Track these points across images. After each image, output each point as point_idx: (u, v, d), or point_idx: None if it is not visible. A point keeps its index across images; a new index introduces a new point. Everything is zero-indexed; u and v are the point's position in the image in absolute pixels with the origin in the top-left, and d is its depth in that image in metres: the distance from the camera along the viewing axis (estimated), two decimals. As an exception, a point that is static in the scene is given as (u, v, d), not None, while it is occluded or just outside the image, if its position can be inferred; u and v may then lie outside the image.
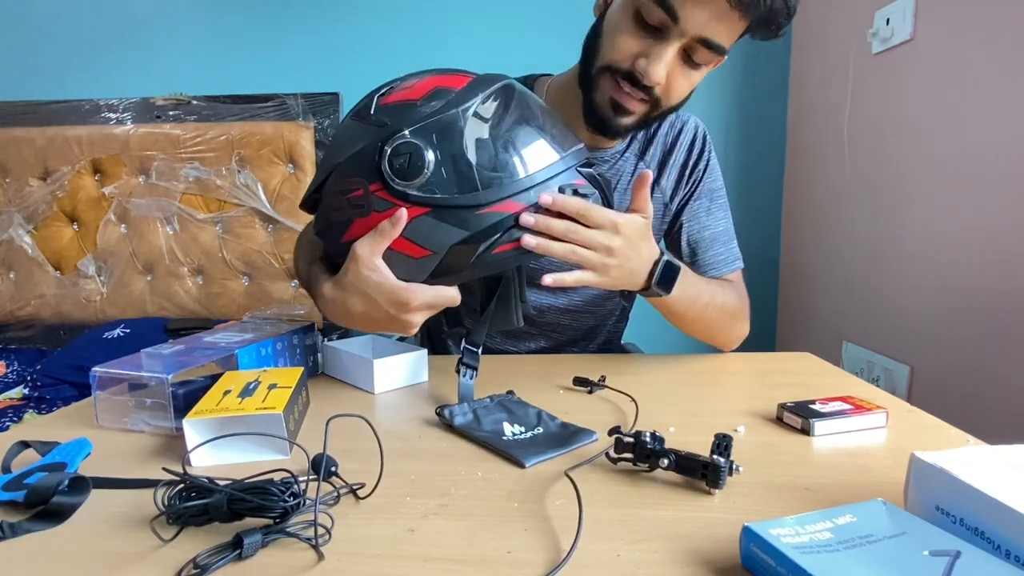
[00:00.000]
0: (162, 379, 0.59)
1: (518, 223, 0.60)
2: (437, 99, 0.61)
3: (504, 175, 0.59)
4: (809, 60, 1.76)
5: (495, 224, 0.59)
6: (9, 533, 0.42)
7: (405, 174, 0.59)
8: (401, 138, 0.59)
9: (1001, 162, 1.10)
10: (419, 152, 0.58)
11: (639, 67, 0.71)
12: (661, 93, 0.74)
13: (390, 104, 0.63)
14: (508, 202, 0.59)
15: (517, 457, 0.53)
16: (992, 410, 1.11)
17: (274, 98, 1.77)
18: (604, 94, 0.76)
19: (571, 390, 0.73)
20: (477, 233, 0.59)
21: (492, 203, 0.59)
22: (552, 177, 0.61)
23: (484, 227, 0.59)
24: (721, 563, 0.38)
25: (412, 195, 0.59)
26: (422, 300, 0.62)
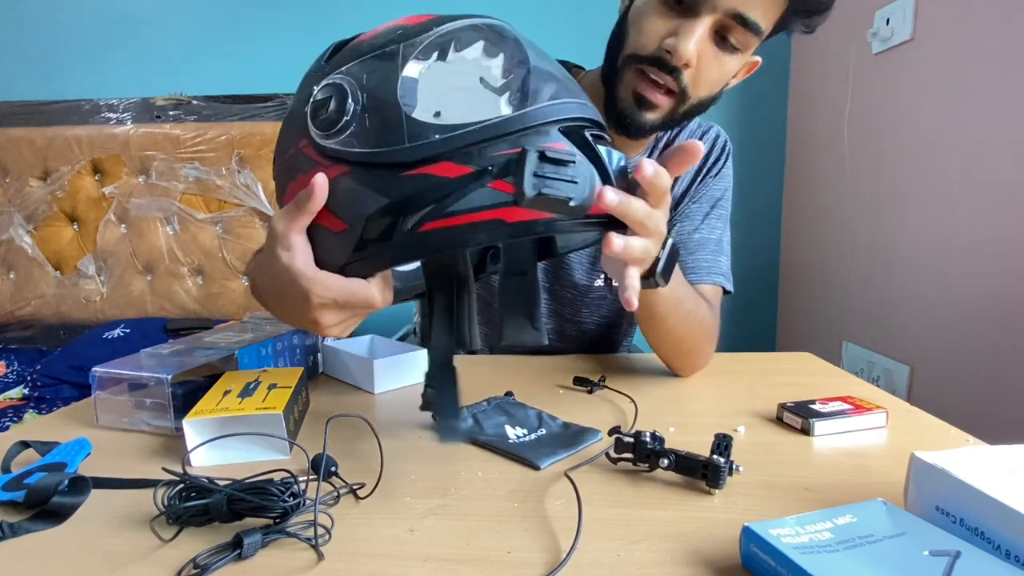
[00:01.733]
0: (162, 379, 0.59)
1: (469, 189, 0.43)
2: (384, 36, 0.49)
3: (442, 127, 0.44)
4: (809, 60, 1.76)
5: (424, 191, 0.44)
6: (9, 533, 0.42)
7: (325, 123, 0.47)
8: (327, 79, 0.48)
9: (1001, 162, 1.10)
10: (341, 94, 0.46)
11: (667, 45, 0.65)
12: (689, 80, 0.67)
13: (341, 44, 0.52)
14: (443, 163, 0.44)
15: (531, 460, 0.52)
16: (992, 410, 1.11)
17: (274, 98, 1.77)
18: (628, 87, 0.70)
19: (571, 390, 0.73)
20: (400, 201, 0.44)
21: (422, 162, 0.44)
22: (508, 134, 0.44)
23: (409, 194, 0.44)
24: (721, 563, 0.38)
25: (330, 149, 0.46)
26: (327, 296, 0.48)
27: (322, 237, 0.48)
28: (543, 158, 0.43)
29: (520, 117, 0.44)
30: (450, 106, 0.45)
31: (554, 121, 0.45)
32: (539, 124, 0.45)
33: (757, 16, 0.64)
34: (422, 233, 0.44)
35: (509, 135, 0.44)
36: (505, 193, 0.43)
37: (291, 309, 0.50)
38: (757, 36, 0.66)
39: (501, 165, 0.43)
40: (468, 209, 0.43)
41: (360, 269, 0.48)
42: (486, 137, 0.44)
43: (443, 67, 0.46)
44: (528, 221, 0.43)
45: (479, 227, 0.44)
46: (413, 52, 0.46)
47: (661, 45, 0.66)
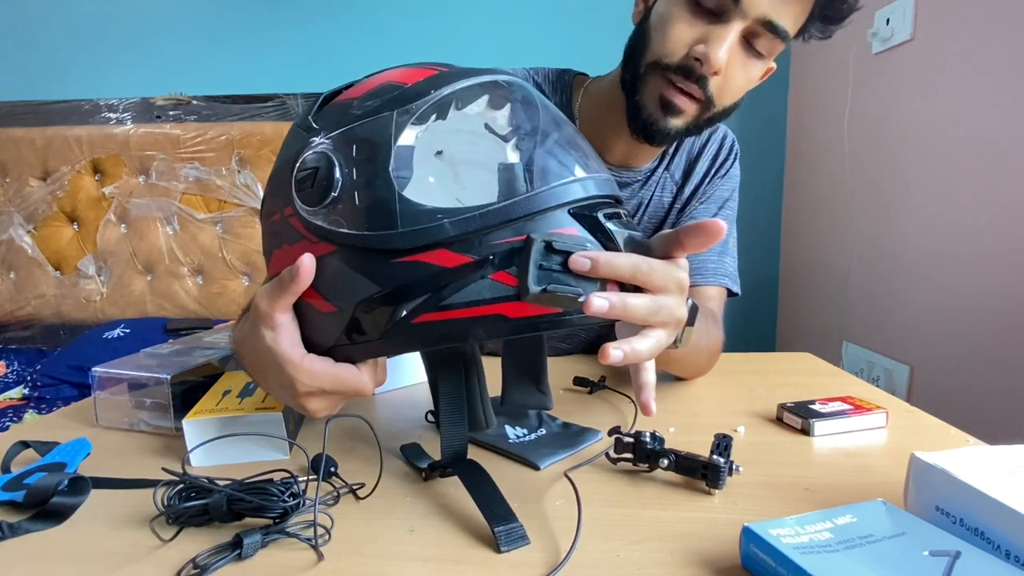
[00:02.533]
0: (162, 379, 0.59)
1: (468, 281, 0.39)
2: (377, 96, 0.44)
3: (439, 209, 0.40)
4: (809, 60, 1.76)
5: (419, 279, 0.40)
6: (9, 533, 0.42)
7: (311, 198, 0.42)
8: (313, 147, 0.43)
9: (1001, 162, 1.10)
10: (329, 166, 0.42)
11: (697, 52, 0.63)
12: (716, 88, 0.65)
13: (332, 105, 0.47)
14: (440, 251, 0.40)
15: (531, 459, 0.52)
16: (992, 410, 1.11)
17: (274, 98, 1.77)
18: (653, 93, 0.68)
19: (571, 390, 0.73)
20: (393, 291, 0.40)
21: (417, 249, 0.40)
22: (512, 220, 0.39)
23: (402, 283, 0.40)
24: (721, 563, 0.38)
25: (317, 225, 0.42)
26: (314, 385, 0.44)
27: (311, 315, 0.45)
28: (550, 248, 0.39)
29: (526, 201, 0.40)
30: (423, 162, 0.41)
31: (565, 204, 0.41)
32: (547, 208, 0.40)
33: (787, 23, 0.63)
34: (416, 325, 0.40)
35: (513, 221, 0.39)
36: (508, 286, 0.39)
37: (276, 389, 0.47)
38: (784, 42, 0.65)
39: (504, 255, 0.39)
40: (467, 303, 0.40)
41: (350, 353, 0.45)
42: (488, 224, 0.39)
43: (441, 132, 0.42)
44: (533, 317, 0.39)
45: (478, 322, 0.40)
46: (408, 120, 0.42)
47: (690, 52, 0.64)
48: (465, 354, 0.50)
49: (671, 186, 0.84)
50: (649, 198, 0.84)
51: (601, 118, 0.76)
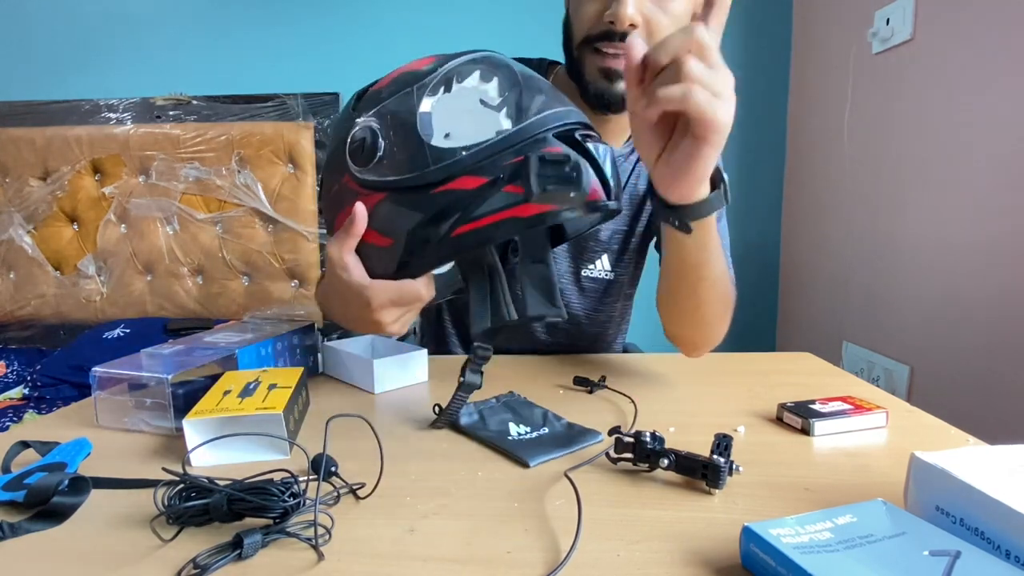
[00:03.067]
0: (162, 379, 0.59)
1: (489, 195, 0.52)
2: (398, 83, 0.57)
3: (457, 149, 0.53)
4: (809, 60, 1.76)
5: (452, 203, 0.53)
6: (9, 533, 0.42)
7: (362, 159, 0.56)
8: (359, 125, 0.57)
9: (1001, 162, 1.10)
10: (373, 134, 0.56)
11: (608, 16, 0.68)
12: (645, 37, 0.66)
13: (365, 95, 0.60)
14: (463, 178, 0.53)
15: (522, 457, 0.53)
16: (992, 410, 1.11)
17: (274, 98, 1.77)
18: (592, 67, 0.73)
19: (571, 390, 0.73)
20: (434, 215, 0.54)
21: (446, 180, 0.53)
22: (507, 148, 0.52)
23: (440, 207, 0.54)
24: (721, 563, 0.38)
25: (369, 180, 0.56)
26: (384, 298, 0.57)
27: (372, 253, 0.58)
28: (543, 161, 0.52)
29: (519, 131, 0.53)
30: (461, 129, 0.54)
31: (549, 129, 0.54)
32: (537, 133, 0.53)
33: None
34: (455, 237, 0.54)
35: (514, 147, 0.53)
36: (517, 194, 0.52)
37: (356, 316, 0.59)
38: None
39: (511, 172, 0.52)
40: (489, 211, 0.53)
41: (407, 273, 0.58)
42: (495, 151, 0.53)
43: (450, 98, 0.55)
44: (540, 213, 0.52)
45: (500, 225, 0.53)
46: (424, 91, 0.55)
47: (603, 19, 0.68)
48: (490, 263, 0.62)
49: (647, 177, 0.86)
50: (624, 182, 0.87)
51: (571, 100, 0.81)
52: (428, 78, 0.56)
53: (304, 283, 1.84)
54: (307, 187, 1.79)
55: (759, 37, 1.83)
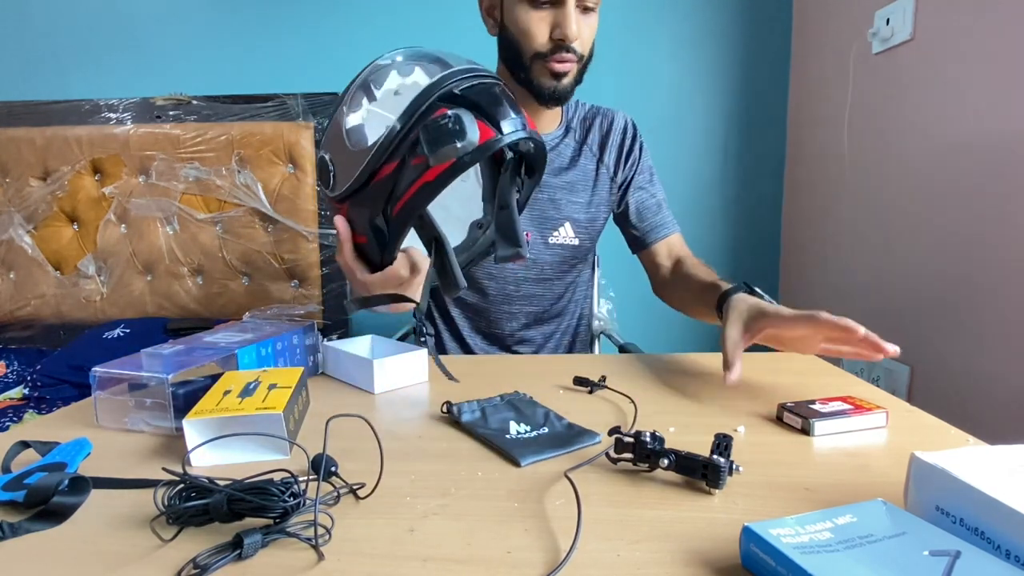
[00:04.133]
0: (162, 379, 0.59)
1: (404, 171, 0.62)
2: (334, 105, 0.69)
3: (369, 146, 0.63)
4: (809, 60, 1.76)
5: (382, 190, 0.64)
6: (9, 533, 0.42)
7: (326, 183, 0.69)
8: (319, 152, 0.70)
9: (1001, 161, 1.10)
10: (323, 160, 0.68)
11: (557, 35, 0.86)
12: (580, 47, 0.89)
13: None
14: (383, 168, 0.63)
15: (514, 456, 0.53)
16: (992, 410, 1.11)
17: (274, 98, 1.77)
18: (542, 73, 0.90)
19: (571, 390, 0.73)
20: (376, 205, 0.65)
21: (372, 175, 0.63)
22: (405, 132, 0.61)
23: (376, 196, 0.64)
24: (721, 563, 0.38)
25: (335, 196, 0.68)
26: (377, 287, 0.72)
27: (364, 250, 0.71)
28: (426, 128, 0.59)
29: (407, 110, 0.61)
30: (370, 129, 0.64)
31: (436, 96, 0.61)
32: (423, 109, 0.60)
33: None
34: (395, 216, 0.64)
35: (409, 127, 0.61)
36: (421, 164, 0.61)
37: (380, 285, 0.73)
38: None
39: (409, 148, 0.61)
40: (407, 185, 0.62)
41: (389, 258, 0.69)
42: (396, 138, 0.61)
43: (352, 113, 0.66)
44: (443, 171, 0.60)
45: (419, 192, 0.62)
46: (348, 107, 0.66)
47: (552, 37, 0.87)
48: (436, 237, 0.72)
49: (590, 156, 1.06)
50: (560, 158, 1.04)
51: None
52: (345, 95, 0.67)
53: (304, 283, 1.84)
54: (307, 187, 1.79)
55: (759, 37, 1.83)
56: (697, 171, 1.88)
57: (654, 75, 1.85)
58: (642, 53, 1.84)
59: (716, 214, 1.90)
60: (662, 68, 1.85)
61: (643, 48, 1.84)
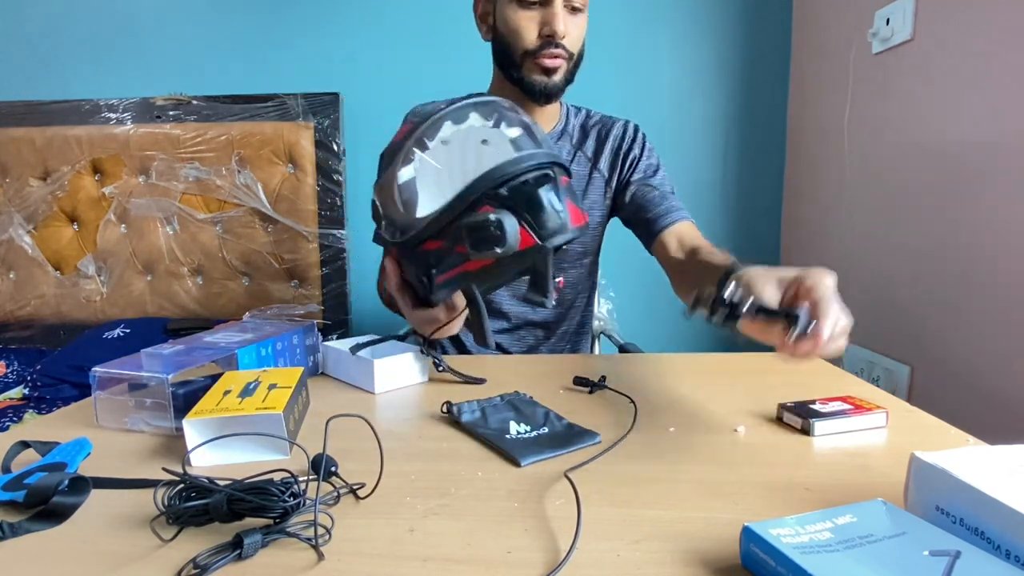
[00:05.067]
0: (162, 379, 0.59)
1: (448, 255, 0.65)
2: (385, 158, 0.71)
3: (418, 221, 0.65)
4: (809, 60, 1.76)
5: (429, 259, 0.67)
6: (9, 533, 0.42)
7: (376, 222, 0.73)
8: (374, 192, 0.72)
9: (1001, 161, 1.10)
10: (375, 207, 0.72)
11: (545, 33, 0.90)
12: (569, 44, 0.92)
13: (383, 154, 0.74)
14: (429, 241, 0.66)
15: (514, 456, 0.53)
16: (992, 410, 1.11)
17: (274, 98, 1.77)
18: (534, 70, 0.93)
19: (571, 390, 0.73)
20: (422, 267, 0.68)
21: (420, 243, 0.67)
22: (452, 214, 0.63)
23: (424, 262, 0.67)
24: (721, 563, 0.38)
25: (385, 240, 0.72)
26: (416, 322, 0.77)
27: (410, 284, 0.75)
28: (468, 228, 0.62)
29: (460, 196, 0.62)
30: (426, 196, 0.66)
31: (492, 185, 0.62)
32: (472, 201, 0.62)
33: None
34: (438, 284, 0.68)
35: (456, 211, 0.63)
36: (463, 254, 0.63)
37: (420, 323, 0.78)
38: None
39: (455, 234, 0.63)
40: (451, 266, 0.66)
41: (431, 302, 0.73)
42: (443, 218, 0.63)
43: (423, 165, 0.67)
44: (484, 267, 0.64)
45: (462, 276, 0.66)
46: (401, 160, 0.67)
47: (541, 34, 0.90)
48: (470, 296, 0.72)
49: (584, 161, 1.06)
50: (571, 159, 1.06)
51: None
52: (397, 158, 0.68)
53: (304, 283, 1.84)
54: (307, 187, 1.79)
55: (759, 37, 1.83)
56: (697, 171, 1.88)
57: (654, 76, 1.85)
58: (642, 54, 1.84)
59: (716, 214, 1.90)
60: (662, 68, 1.85)
61: (643, 49, 1.84)
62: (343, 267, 1.81)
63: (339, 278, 1.81)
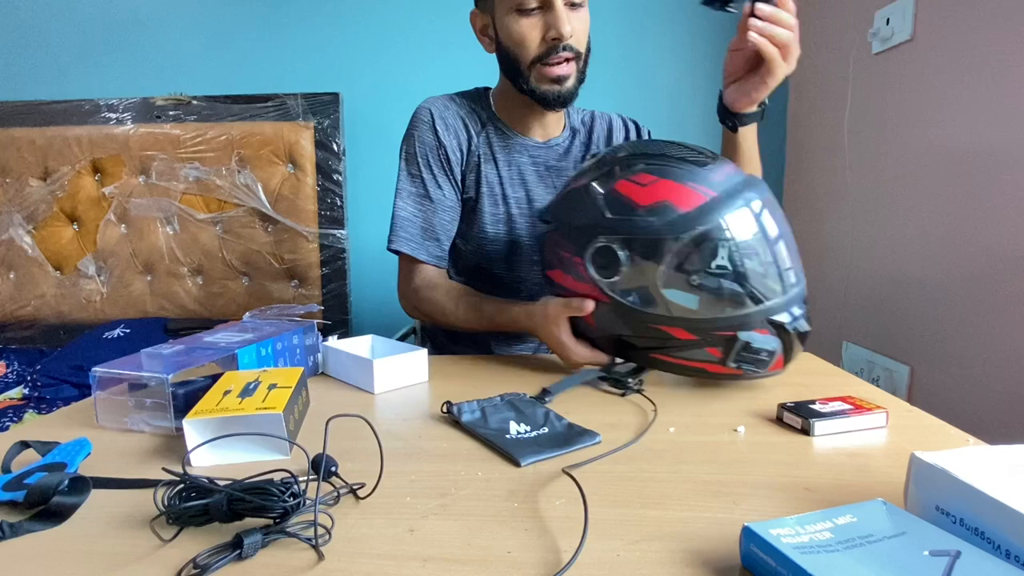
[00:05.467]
0: (162, 379, 0.59)
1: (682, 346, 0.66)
2: (657, 216, 0.65)
3: (686, 309, 0.64)
4: (809, 60, 1.76)
5: (660, 338, 0.67)
6: (9, 533, 0.42)
7: (601, 270, 0.68)
8: (609, 241, 0.67)
9: (1001, 162, 1.10)
10: (617, 260, 0.67)
11: (551, 36, 0.87)
12: (575, 43, 0.89)
13: (620, 196, 0.69)
14: (679, 330, 0.65)
15: (514, 456, 0.53)
16: (992, 410, 1.11)
17: (274, 98, 1.77)
18: (543, 79, 0.91)
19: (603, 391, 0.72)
20: (641, 338, 0.69)
21: (663, 324, 0.66)
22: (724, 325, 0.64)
23: (648, 336, 0.68)
24: (721, 563, 0.38)
25: (601, 286, 0.69)
26: (576, 359, 0.76)
27: (580, 321, 0.74)
28: (747, 348, 0.64)
29: (745, 316, 0.63)
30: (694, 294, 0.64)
31: (762, 314, 0.64)
32: (750, 318, 0.64)
33: None
34: (651, 358, 0.70)
35: (731, 324, 0.64)
36: (715, 356, 0.66)
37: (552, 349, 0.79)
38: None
39: (716, 339, 0.65)
40: (687, 357, 0.68)
41: (600, 346, 0.75)
42: (716, 327, 0.64)
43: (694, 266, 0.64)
44: (727, 374, 0.67)
45: (690, 369, 0.69)
46: (677, 246, 0.64)
47: (545, 39, 0.88)
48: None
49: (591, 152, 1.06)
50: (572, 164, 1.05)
51: (515, 112, 1.00)
52: (685, 234, 0.63)
53: (304, 283, 1.84)
54: (307, 187, 1.79)
55: (759, 37, 1.83)
56: (697, 171, 1.88)
57: (654, 76, 1.85)
58: (642, 54, 1.84)
59: (716, 214, 1.90)
60: (662, 69, 1.85)
61: (643, 49, 1.84)
62: (343, 267, 1.81)
63: (339, 278, 1.81)
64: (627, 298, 0.67)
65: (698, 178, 0.66)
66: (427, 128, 0.97)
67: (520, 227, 1.01)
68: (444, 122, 0.98)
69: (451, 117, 0.99)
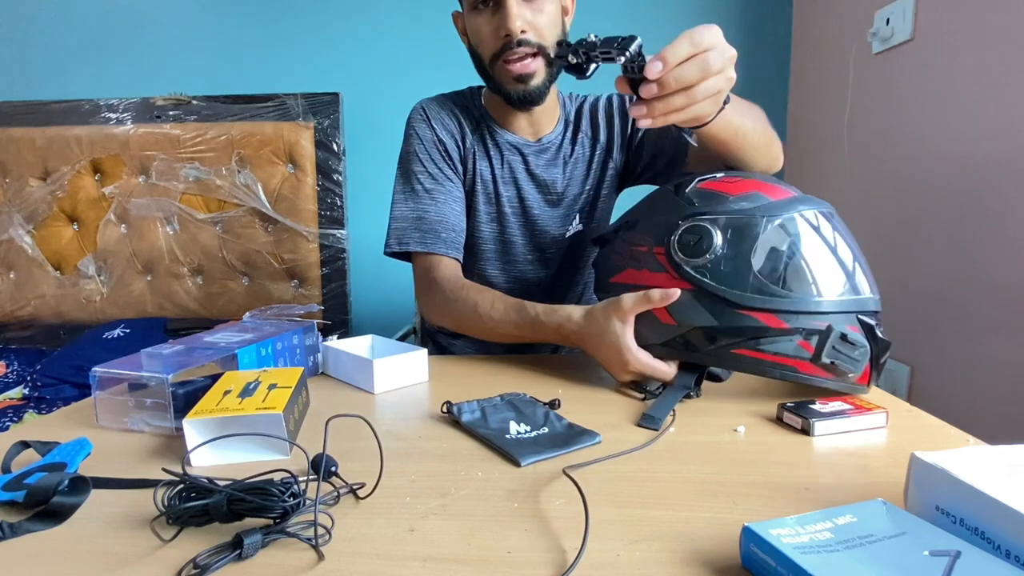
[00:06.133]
0: (162, 379, 0.59)
1: (770, 336, 0.62)
2: (748, 201, 0.65)
3: (779, 291, 0.61)
4: (809, 60, 1.76)
5: (746, 327, 0.62)
6: (9, 533, 0.42)
7: (689, 251, 0.64)
8: (699, 219, 0.65)
9: (1000, 162, 1.10)
10: (710, 238, 0.64)
11: (502, 32, 0.84)
12: (536, 37, 0.85)
13: (705, 189, 0.68)
14: (769, 315, 0.62)
15: (514, 456, 0.53)
16: (992, 410, 1.11)
17: (274, 98, 1.77)
18: (506, 78, 0.88)
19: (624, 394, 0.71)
20: (725, 328, 0.63)
21: (755, 308, 0.61)
22: (825, 313, 0.61)
23: (734, 325, 0.62)
24: (721, 563, 0.38)
25: (685, 270, 0.64)
26: (638, 367, 0.68)
27: (651, 319, 0.67)
28: (843, 338, 0.61)
29: (840, 303, 0.61)
30: (789, 276, 0.61)
31: (857, 312, 0.62)
32: (849, 311, 0.62)
33: None
34: (733, 354, 0.64)
35: (824, 314, 0.61)
36: (805, 351, 0.62)
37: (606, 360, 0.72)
38: None
39: (810, 330, 0.61)
40: (774, 352, 0.62)
41: (663, 353, 0.68)
42: (810, 310, 0.61)
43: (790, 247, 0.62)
44: (815, 375, 0.63)
45: (777, 366, 0.63)
46: (771, 224, 0.63)
47: (499, 36, 0.85)
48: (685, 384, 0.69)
49: (588, 141, 1.03)
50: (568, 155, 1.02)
51: (501, 110, 0.98)
52: (780, 215, 0.63)
53: (304, 283, 1.84)
54: (307, 187, 1.79)
55: (759, 37, 1.83)
56: (697, 171, 1.88)
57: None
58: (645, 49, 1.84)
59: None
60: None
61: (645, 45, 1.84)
62: (343, 267, 1.81)
63: (339, 278, 1.81)
64: (717, 282, 0.63)
65: (778, 182, 0.68)
66: (425, 126, 0.98)
67: (512, 226, 1.01)
68: (440, 120, 0.98)
69: (446, 115, 0.99)
